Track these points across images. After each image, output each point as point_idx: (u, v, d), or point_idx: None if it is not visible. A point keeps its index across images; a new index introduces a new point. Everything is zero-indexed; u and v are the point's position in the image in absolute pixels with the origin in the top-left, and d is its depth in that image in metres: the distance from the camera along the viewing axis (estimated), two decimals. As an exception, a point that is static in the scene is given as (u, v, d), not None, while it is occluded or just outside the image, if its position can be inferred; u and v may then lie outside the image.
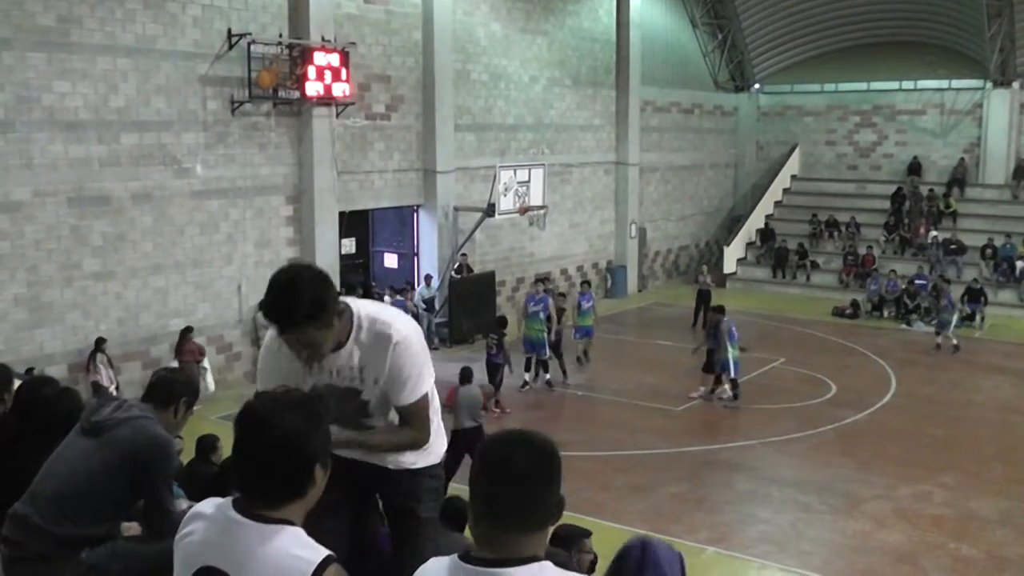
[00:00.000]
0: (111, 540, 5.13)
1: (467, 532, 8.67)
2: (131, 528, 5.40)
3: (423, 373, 4.50)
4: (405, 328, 4.43)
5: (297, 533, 3.05)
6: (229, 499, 3.15)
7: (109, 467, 5.03)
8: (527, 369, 21.98)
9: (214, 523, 3.13)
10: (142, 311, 19.91)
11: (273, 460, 3.03)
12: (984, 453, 18.12)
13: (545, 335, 21.65)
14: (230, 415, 3.86)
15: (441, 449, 4.77)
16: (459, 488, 12.80)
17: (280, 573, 2.97)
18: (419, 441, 4.57)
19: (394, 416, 4.59)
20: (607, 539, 11.00)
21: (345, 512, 4.75)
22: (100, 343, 18.97)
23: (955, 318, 26.44)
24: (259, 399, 3.12)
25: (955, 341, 25.90)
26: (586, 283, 25.58)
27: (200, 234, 20.86)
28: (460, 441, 13.94)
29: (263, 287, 4.02)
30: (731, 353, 20.36)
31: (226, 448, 10.06)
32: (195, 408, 5.68)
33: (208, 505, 3.23)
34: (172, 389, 5.50)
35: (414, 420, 4.53)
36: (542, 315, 21.78)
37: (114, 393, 17.29)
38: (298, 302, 3.95)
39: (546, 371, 21.90)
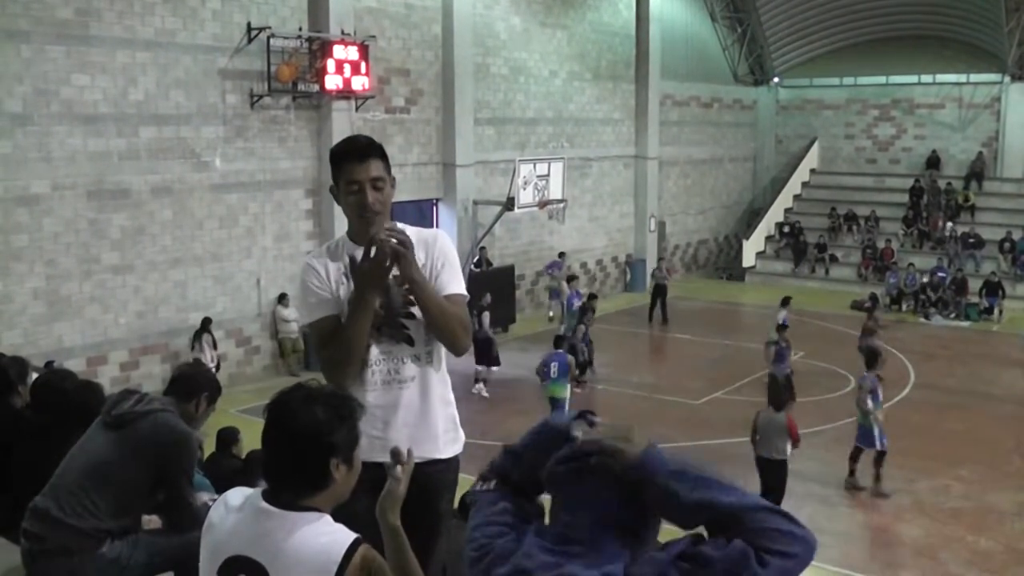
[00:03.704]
0: (132, 533, 5.16)
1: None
2: (152, 521, 5.43)
3: (460, 273, 4.59)
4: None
5: (325, 520, 3.11)
6: (258, 489, 3.19)
7: (130, 460, 5.06)
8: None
9: (243, 512, 3.17)
10: (161, 304, 19.96)
11: (290, 449, 3.08)
12: (1002, 446, 18.03)
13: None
14: (249, 409, 3.84)
15: (462, 438, 4.67)
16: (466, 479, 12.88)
17: (310, 559, 3.03)
18: (464, 325, 4.43)
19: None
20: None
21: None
22: (206, 323, 19.81)
23: None
24: (293, 389, 3.15)
25: None
26: (788, 298, 22.69)
27: (219, 228, 20.91)
28: (762, 473, 13.45)
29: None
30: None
31: (247, 441, 10.10)
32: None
33: (236, 495, 3.27)
34: (194, 383, 5.54)
35: (462, 311, 4.45)
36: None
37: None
38: (368, 139, 4.48)
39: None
